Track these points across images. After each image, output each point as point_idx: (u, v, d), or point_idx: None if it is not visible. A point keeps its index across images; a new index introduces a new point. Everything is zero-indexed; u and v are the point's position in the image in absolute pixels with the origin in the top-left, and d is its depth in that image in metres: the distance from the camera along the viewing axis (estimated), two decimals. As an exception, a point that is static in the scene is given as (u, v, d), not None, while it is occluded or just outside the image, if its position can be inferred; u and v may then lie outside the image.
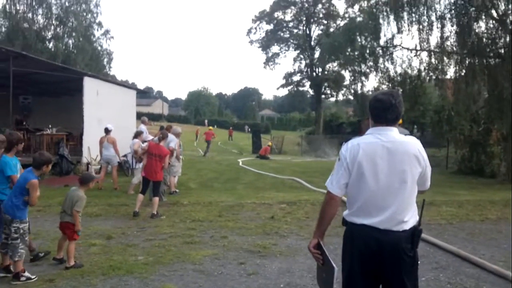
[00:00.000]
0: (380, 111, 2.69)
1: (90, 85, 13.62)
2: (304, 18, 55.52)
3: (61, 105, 17.36)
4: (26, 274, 4.75)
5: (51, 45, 43.74)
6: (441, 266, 5.40)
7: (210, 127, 38.10)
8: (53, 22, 43.46)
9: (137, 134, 11.01)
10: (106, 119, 12.45)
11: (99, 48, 47.42)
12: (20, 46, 37.00)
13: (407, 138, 2.71)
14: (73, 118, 15.03)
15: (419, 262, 2.77)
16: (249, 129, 62.02)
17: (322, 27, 54.52)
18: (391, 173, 2.61)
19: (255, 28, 57.67)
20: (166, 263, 5.35)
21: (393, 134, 2.68)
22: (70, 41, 44.64)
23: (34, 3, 41.87)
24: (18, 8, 41.31)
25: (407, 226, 2.62)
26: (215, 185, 12.77)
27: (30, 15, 42.15)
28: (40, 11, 42.74)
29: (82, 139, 13.70)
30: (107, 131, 11.27)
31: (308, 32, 56.28)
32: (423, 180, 2.74)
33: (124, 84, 19.79)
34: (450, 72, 18.54)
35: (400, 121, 8.17)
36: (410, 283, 2.63)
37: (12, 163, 5.08)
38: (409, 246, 2.62)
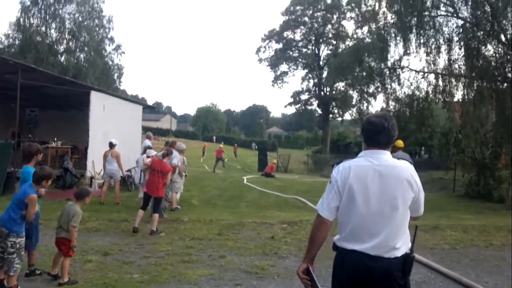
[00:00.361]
0: (372, 134, 2.65)
1: (97, 99, 13.71)
2: (313, 38, 55.91)
3: (67, 119, 17.49)
4: None
5: (63, 58, 44.37)
6: (442, 294, 5.28)
7: (221, 145, 38.22)
8: (66, 36, 44.16)
9: (146, 150, 10.98)
10: (112, 134, 12.49)
11: (110, 62, 48.03)
12: (32, 59, 37.57)
13: (399, 162, 2.64)
14: (78, 131, 15.11)
15: None
16: (256, 147, 62.05)
17: (331, 47, 54.86)
18: (383, 198, 2.55)
19: (264, 47, 58.16)
20: (161, 282, 5.28)
21: (386, 158, 2.62)
22: (82, 55, 45.25)
23: (47, 17, 42.62)
24: (31, 21, 42.06)
25: (399, 253, 2.55)
26: (218, 203, 12.70)
27: (43, 28, 42.86)
28: (53, 25, 43.47)
29: (87, 153, 13.73)
30: (111, 145, 11.29)
31: (317, 51, 56.62)
32: (416, 206, 2.67)
33: (131, 99, 19.90)
34: (458, 95, 18.47)
35: (402, 144, 8.03)
36: None
37: None
38: (400, 274, 2.55)
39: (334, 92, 48.33)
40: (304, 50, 57.63)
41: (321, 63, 55.64)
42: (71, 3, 43.50)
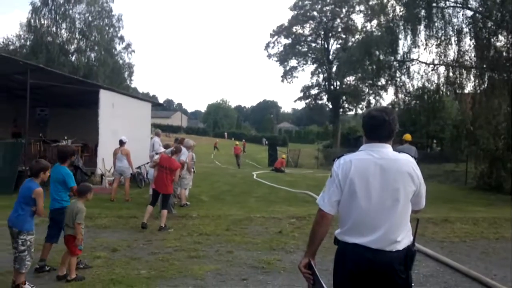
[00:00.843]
0: (373, 127, 2.66)
1: (105, 97, 13.80)
2: (323, 32, 55.51)
3: (77, 117, 17.63)
4: (26, 286, 4.75)
5: (73, 58, 44.79)
6: (450, 286, 5.23)
7: (237, 142, 38.34)
8: (76, 36, 44.53)
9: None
10: (121, 131, 12.56)
11: (121, 61, 48.28)
12: (43, 59, 37.97)
13: (400, 155, 2.63)
14: (88, 129, 15.22)
15: (413, 282, 2.68)
16: (267, 142, 62.06)
17: (340, 41, 54.42)
18: (384, 191, 2.53)
19: (273, 43, 57.91)
20: (168, 278, 5.31)
21: (387, 151, 2.61)
22: (92, 55, 45.62)
23: (58, 18, 42.98)
24: (42, 22, 42.49)
25: (400, 247, 2.53)
26: (227, 198, 12.72)
27: (54, 29, 43.26)
28: (64, 25, 43.84)
29: (97, 151, 13.85)
30: (121, 143, 11.37)
31: (326, 46, 56.23)
32: (418, 199, 2.65)
33: (139, 97, 19.99)
34: (469, 87, 18.25)
35: (410, 138, 8.16)
36: None
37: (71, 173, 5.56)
38: (402, 267, 2.52)
39: (344, 86, 47.98)
40: (313, 44, 57.25)
41: (330, 57, 55.26)
42: (81, 3, 43.84)
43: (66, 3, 42.76)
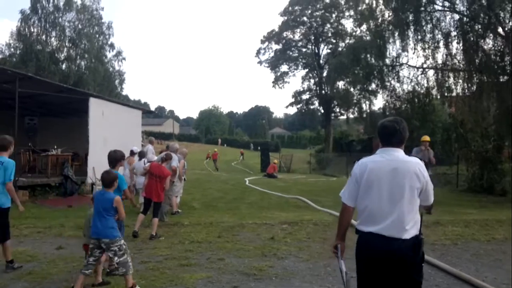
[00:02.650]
0: (386, 135, 3.18)
1: (95, 105, 13.73)
2: (313, 37, 55.81)
3: (67, 126, 17.49)
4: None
5: (64, 66, 44.60)
6: (441, 290, 5.23)
7: (215, 149, 38.61)
8: (66, 44, 44.42)
9: (141, 155, 10.99)
10: (112, 139, 12.50)
11: (111, 69, 48.17)
12: (33, 67, 37.79)
13: (409, 158, 3.13)
14: (79, 138, 15.11)
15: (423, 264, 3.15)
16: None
17: (330, 46, 54.74)
18: (393, 186, 3.02)
19: (264, 48, 58.14)
20: (158, 287, 5.26)
21: (398, 154, 3.13)
22: (83, 63, 45.54)
23: (47, 26, 42.83)
24: (32, 30, 42.34)
25: (409, 235, 2.97)
26: (219, 205, 12.67)
27: (43, 37, 43.11)
28: (53, 33, 43.73)
29: (87, 160, 13.74)
30: (132, 153, 11.34)
31: (316, 51, 56.52)
32: (426, 195, 3.12)
33: (130, 105, 19.90)
34: (458, 90, 18.39)
35: (428, 139, 8.63)
36: (415, 283, 3.01)
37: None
38: (411, 253, 2.95)
39: (335, 91, 48.24)
40: (304, 49, 57.52)
41: (321, 62, 55.53)
42: (71, 11, 43.78)
43: (56, 11, 42.67)
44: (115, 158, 5.72)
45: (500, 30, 16.33)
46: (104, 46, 46.52)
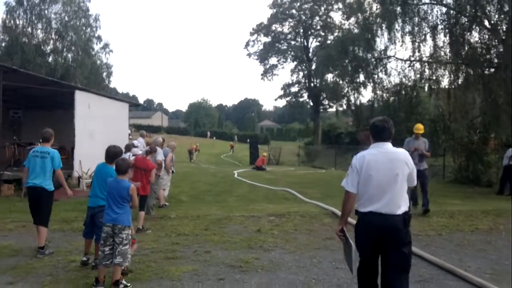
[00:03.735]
0: (378, 132, 3.87)
1: (81, 98, 13.60)
2: (302, 30, 55.78)
3: (53, 119, 17.17)
4: (124, 282, 4.90)
5: (50, 59, 44.03)
6: (424, 279, 5.28)
7: (196, 144, 38.72)
8: (53, 36, 43.83)
9: (127, 148, 10.92)
10: (98, 133, 12.40)
11: (98, 62, 47.67)
12: (19, 60, 37.25)
13: (398, 149, 3.87)
14: (65, 131, 14.88)
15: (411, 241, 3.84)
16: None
17: (319, 38, 54.75)
18: (387, 172, 3.71)
19: (253, 41, 57.98)
20: (143, 280, 5.24)
21: (388, 147, 3.83)
22: (69, 55, 45.00)
23: (33, 18, 42.21)
24: (17, 22, 41.69)
25: (401, 211, 3.67)
26: (207, 198, 12.66)
27: (29, 29, 42.47)
28: (39, 25, 43.11)
29: (74, 153, 13.62)
30: (134, 146, 11.23)
31: (305, 43, 56.52)
32: (411, 179, 3.84)
33: (116, 97, 19.74)
34: (445, 82, 18.54)
35: (422, 129, 8.38)
36: (403, 260, 3.68)
37: None
38: (402, 226, 3.66)
39: (323, 83, 48.39)
40: (293, 42, 57.50)
41: (310, 55, 55.57)
42: (57, 3, 43.16)
43: (42, 3, 42.05)
44: (114, 153, 5.72)
45: (486, 23, 16.44)
46: (92, 39, 45.98)
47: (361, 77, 22.00)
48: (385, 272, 3.77)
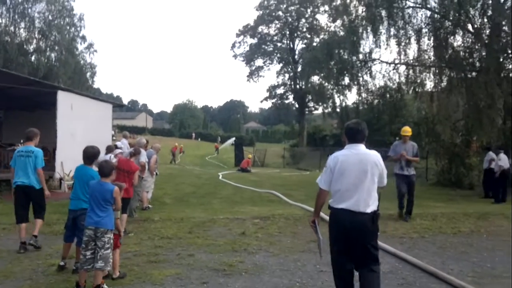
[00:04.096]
0: (352, 134, 4.10)
1: (64, 99, 13.39)
2: (288, 32, 55.97)
3: (34, 119, 16.86)
4: (105, 286, 4.83)
5: (33, 58, 43.34)
6: (408, 282, 5.30)
7: (178, 144, 38.42)
8: (36, 35, 43.11)
9: (109, 149, 10.76)
10: (80, 134, 12.22)
11: (82, 61, 47.02)
12: (1, 59, 36.57)
13: (370, 151, 4.06)
14: (46, 132, 14.51)
15: (378, 233, 4.22)
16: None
17: (305, 41, 54.98)
18: (358, 173, 3.94)
19: (239, 42, 58.00)
20: (125, 284, 5.15)
21: (361, 148, 4.05)
22: (53, 55, 44.27)
23: (16, 17, 41.46)
24: (0, 21, 40.90)
25: (370, 210, 3.92)
26: (191, 200, 12.57)
27: (12, 28, 41.72)
28: (22, 24, 42.35)
29: (55, 154, 13.40)
30: (116, 148, 11.05)
31: (291, 45, 56.72)
32: (382, 179, 4.07)
33: (100, 98, 19.51)
34: (429, 85, 18.75)
35: (410, 132, 9.48)
36: (372, 245, 3.97)
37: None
38: (370, 223, 3.93)
39: (309, 85, 48.61)
40: (279, 44, 57.70)
41: (296, 56, 55.78)
42: (41, 2, 42.43)
43: (25, 2, 41.32)
44: (93, 154, 5.65)
45: (469, 27, 16.67)
46: (76, 38, 45.34)
47: (346, 80, 22.11)
48: (358, 264, 4.02)
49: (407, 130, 9.53)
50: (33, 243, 6.59)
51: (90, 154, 5.62)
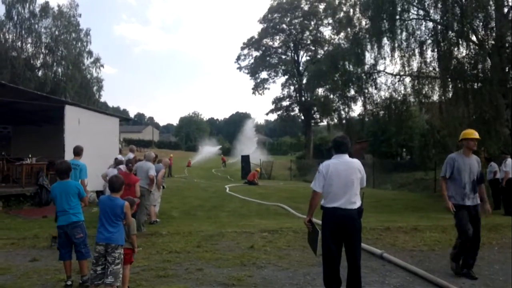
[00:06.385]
0: (338, 147, 4.90)
1: (71, 113, 13.48)
2: (292, 45, 56.22)
3: (42, 134, 17.10)
4: None
5: (40, 73, 43.82)
6: (419, 297, 5.24)
7: (171, 155, 38.36)
8: (42, 50, 43.70)
9: (118, 163, 10.83)
10: (88, 148, 12.22)
11: (89, 76, 47.52)
12: (8, 74, 37.00)
13: (353, 159, 4.88)
14: (54, 146, 14.77)
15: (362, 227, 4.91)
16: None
17: (310, 53, 55.20)
18: (346, 177, 4.74)
19: (244, 55, 58.29)
20: (134, 299, 5.14)
21: (346, 158, 4.86)
22: (60, 70, 44.80)
23: (23, 32, 42.06)
24: (7, 37, 41.50)
25: (356, 206, 4.76)
26: (198, 213, 12.55)
27: (19, 44, 42.29)
28: (29, 40, 42.99)
29: (63, 169, 13.43)
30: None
31: (296, 58, 56.93)
32: (363, 181, 4.88)
33: (107, 112, 19.62)
34: (434, 96, 18.70)
35: (476, 134, 6.20)
36: (357, 238, 4.80)
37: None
38: (357, 216, 4.75)
39: (314, 97, 48.73)
40: (284, 56, 57.92)
41: (300, 69, 55.95)
42: (47, 17, 43.12)
43: (32, 18, 41.98)
44: (66, 169, 5.67)
45: (474, 38, 16.67)
46: (82, 53, 45.97)
47: (352, 92, 22.17)
48: (347, 251, 4.79)
49: (471, 133, 6.31)
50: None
51: (65, 169, 5.65)
